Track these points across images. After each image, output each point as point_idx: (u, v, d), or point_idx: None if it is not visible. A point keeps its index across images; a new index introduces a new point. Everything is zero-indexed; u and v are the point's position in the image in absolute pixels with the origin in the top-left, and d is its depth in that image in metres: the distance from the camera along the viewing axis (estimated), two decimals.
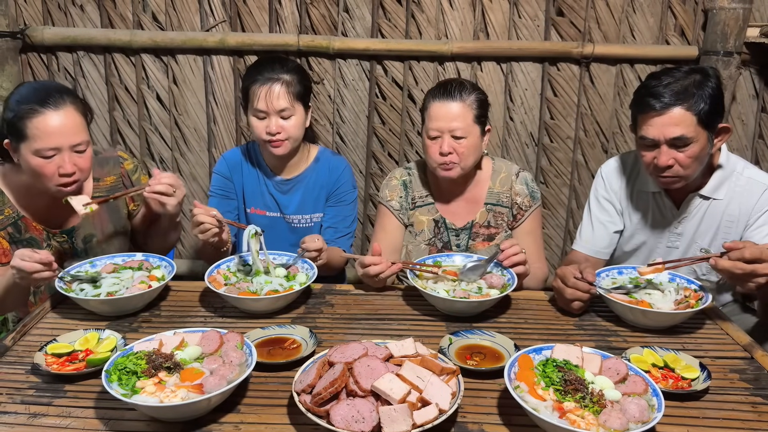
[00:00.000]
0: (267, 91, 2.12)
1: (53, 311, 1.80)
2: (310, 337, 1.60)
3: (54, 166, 1.81)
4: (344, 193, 2.36)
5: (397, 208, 2.23)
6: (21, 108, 1.78)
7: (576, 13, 2.94)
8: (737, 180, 2.02)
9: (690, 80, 1.86)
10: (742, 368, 1.54)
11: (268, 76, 2.13)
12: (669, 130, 1.85)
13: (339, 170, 2.35)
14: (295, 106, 2.16)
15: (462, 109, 2.05)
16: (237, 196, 2.37)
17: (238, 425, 1.30)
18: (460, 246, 2.23)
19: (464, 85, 2.08)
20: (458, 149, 2.05)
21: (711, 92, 1.85)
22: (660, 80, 1.88)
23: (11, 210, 1.95)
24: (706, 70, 1.91)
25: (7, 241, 1.95)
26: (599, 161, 3.12)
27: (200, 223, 1.89)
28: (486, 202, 2.21)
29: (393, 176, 2.29)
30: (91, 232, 2.08)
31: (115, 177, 2.11)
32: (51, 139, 1.78)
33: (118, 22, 2.98)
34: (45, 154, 1.79)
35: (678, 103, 1.83)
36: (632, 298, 1.78)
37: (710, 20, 2.85)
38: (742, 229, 2.03)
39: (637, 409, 1.23)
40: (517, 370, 1.35)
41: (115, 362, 1.35)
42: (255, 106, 2.14)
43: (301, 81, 2.19)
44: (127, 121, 3.12)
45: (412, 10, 2.95)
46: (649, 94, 1.87)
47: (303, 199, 2.35)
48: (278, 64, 2.17)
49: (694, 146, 1.86)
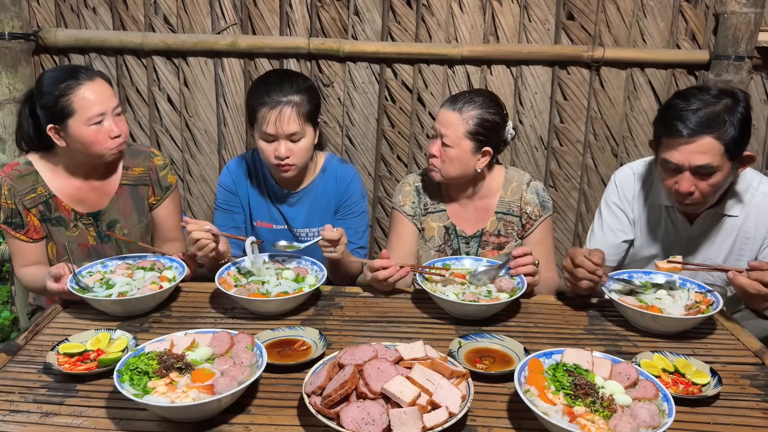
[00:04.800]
0: (277, 116, 2.01)
1: (65, 311, 1.81)
2: (320, 339, 1.60)
3: (104, 133, 1.97)
4: (354, 204, 2.29)
5: (410, 213, 2.23)
6: (58, 88, 1.92)
7: (586, 16, 2.93)
8: (752, 196, 1.98)
9: (721, 105, 1.78)
10: (754, 374, 1.53)
11: (277, 99, 2.02)
12: (695, 157, 1.79)
13: (347, 180, 2.27)
14: (305, 129, 2.07)
15: (456, 120, 2.04)
16: (243, 210, 2.30)
17: (248, 426, 1.30)
18: (469, 254, 2.22)
19: (474, 101, 2.07)
20: (442, 155, 2.07)
21: (741, 118, 1.78)
22: (689, 102, 1.81)
23: (44, 189, 2.06)
24: (736, 93, 1.83)
25: (37, 218, 2.07)
26: (609, 165, 3.11)
27: (196, 240, 1.87)
28: (497, 210, 2.20)
29: (406, 182, 2.29)
30: (116, 218, 2.16)
31: (144, 169, 2.19)
32: (97, 106, 1.94)
33: (130, 24, 3.00)
34: (95, 120, 1.94)
35: (708, 132, 1.76)
36: (643, 303, 1.77)
37: (721, 24, 2.84)
38: (758, 246, 2.01)
39: (648, 414, 1.22)
40: (527, 374, 1.35)
41: (127, 362, 1.36)
42: (264, 129, 2.04)
43: (311, 100, 2.09)
44: (138, 123, 3.14)
45: (422, 14, 2.95)
46: (678, 118, 1.80)
47: (310, 211, 2.28)
48: (287, 84, 2.05)
49: (717, 175, 1.81)
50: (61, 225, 2.09)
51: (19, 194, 2.02)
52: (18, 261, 2.09)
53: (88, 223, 2.12)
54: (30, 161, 2.06)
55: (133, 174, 2.17)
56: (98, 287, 1.80)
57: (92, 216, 2.12)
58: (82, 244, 2.13)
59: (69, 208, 2.09)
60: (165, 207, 2.23)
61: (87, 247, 2.14)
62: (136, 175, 2.17)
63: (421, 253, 2.25)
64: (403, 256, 2.18)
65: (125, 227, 2.17)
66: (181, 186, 3.21)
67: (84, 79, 1.94)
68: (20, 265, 2.08)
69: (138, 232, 2.19)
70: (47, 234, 2.10)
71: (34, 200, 2.05)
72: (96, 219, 2.13)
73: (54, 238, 2.11)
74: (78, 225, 2.11)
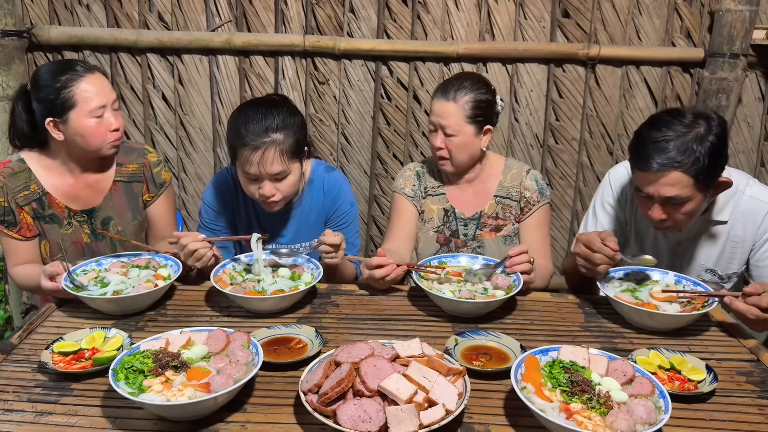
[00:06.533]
0: (259, 158, 1.89)
1: (59, 310, 1.80)
2: (316, 337, 1.60)
3: (105, 126, 1.97)
4: (344, 215, 2.22)
5: (410, 195, 2.29)
6: (59, 81, 1.92)
7: (582, 14, 2.94)
8: (739, 199, 1.97)
9: (691, 135, 1.74)
10: (749, 371, 1.53)
11: (258, 140, 1.89)
12: (664, 189, 1.78)
13: (334, 191, 2.19)
14: (290, 166, 1.96)
15: (453, 109, 2.10)
16: (227, 227, 2.22)
17: (244, 424, 1.30)
18: (467, 235, 2.26)
19: (464, 86, 2.11)
20: (448, 145, 2.13)
21: (712, 147, 1.74)
22: (660, 132, 1.77)
23: (37, 186, 2.05)
24: (710, 119, 1.78)
25: (30, 216, 2.06)
26: (605, 163, 3.12)
27: (194, 250, 1.85)
28: (496, 194, 2.25)
29: (407, 168, 2.37)
30: (110, 215, 2.15)
31: (137, 166, 2.18)
32: (99, 97, 1.95)
33: (125, 21, 2.99)
34: (97, 113, 1.95)
35: (675, 167, 1.74)
36: (638, 300, 1.78)
37: (716, 22, 2.85)
38: (748, 250, 2.01)
39: (644, 410, 1.23)
40: (523, 371, 1.35)
41: (122, 361, 1.35)
42: (245, 169, 1.93)
43: (295, 134, 1.95)
44: (132, 121, 3.12)
45: (417, 11, 2.95)
46: (646, 152, 1.78)
47: (299, 227, 2.20)
48: (269, 120, 1.91)
49: (689, 204, 1.81)
50: (54, 223, 2.08)
51: (11, 192, 2.00)
52: (11, 260, 2.07)
53: (82, 220, 2.11)
54: (23, 159, 2.05)
55: (127, 171, 2.16)
56: (93, 285, 1.79)
57: (86, 213, 2.11)
58: (76, 242, 2.12)
59: (63, 206, 2.08)
60: (159, 204, 2.22)
61: (81, 245, 2.13)
62: (130, 171, 2.16)
63: (420, 235, 2.30)
64: (404, 236, 2.25)
65: (119, 224, 2.16)
66: (176, 184, 3.20)
67: (85, 71, 1.96)
68: (13, 264, 2.07)
69: (132, 230, 2.18)
70: (40, 232, 2.09)
71: (27, 198, 2.04)
72: (90, 216, 2.12)
73: (47, 236, 2.09)
74: (72, 222, 2.10)
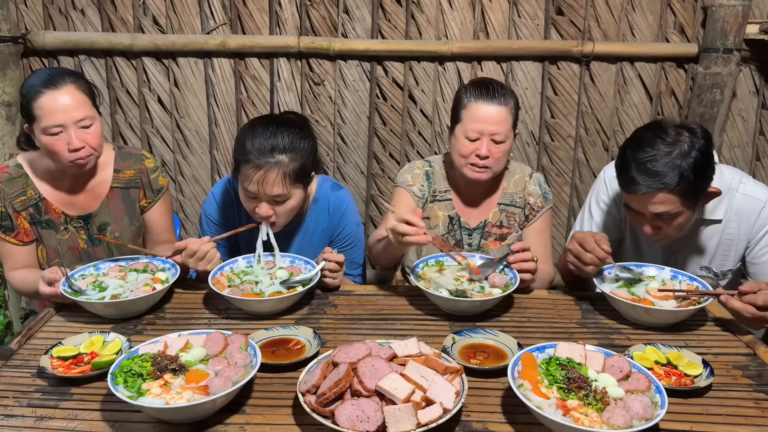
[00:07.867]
0: (260, 178, 1.83)
1: (58, 314, 1.80)
2: (314, 338, 1.60)
3: (63, 143, 1.90)
4: (349, 236, 2.15)
5: (418, 195, 2.20)
6: (28, 92, 1.91)
7: (576, 11, 2.94)
8: (733, 197, 1.98)
9: (675, 152, 1.74)
10: (745, 365, 1.54)
11: (262, 159, 1.82)
12: (652, 207, 1.79)
13: (340, 212, 2.12)
14: (291, 191, 1.89)
15: (504, 114, 2.01)
16: (229, 242, 2.17)
17: (243, 426, 1.30)
18: (472, 245, 2.23)
19: (505, 88, 2.04)
20: (495, 153, 2.02)
21: (696, 162, 1.74)
22: (644, 152, 1.77)
23: (34, 192, 2.05)
24: (694, 132, 1.78)
25: (27, 221, 2.06)
26: (600, 159, 3.13)
27: (205, 252, 1.85)
28: (499, 202, 2.20)
29: (415, 165, 2.25)
30: (107, 221, 2.15)
31: (135, 172, 2.17)
32: (54, 117, 1.88)
33: (119, 25, 2.99)
34: (51, 131, 1.89)
35: (661, 188, 1.75)
36: (635, 296, 1.78)
37: (710, 17, 2.85)
38: (743, 248, 2.02)
39: (641, 406, 1.23)
40: (520, 368, 1.36)
41: (121, 365, 1.36)
42: (245, 186, 1.87)
43: (303, 157, 1.88)
44: (129, 125, 3.13)
45: (411, 11, 2.95)
46: (631, 178, 1.78)
47: (301, 245, 2.13)
48: (279, 137, 1.85)
49: (679, 218, 1.82)
50: (51, 228, 2.08)
51: (8, 197, 2.01)
52: (8, 264, 2.08)
53: (79, 226, 2.11)
54: (20, 164, 2.05)
55: (124, 177, 2.15)
56: (91, 290, 1.80)
57: (83, 219, 2.11)
58: (73, 248, 2.12)
59: (59, 212, 2.08)
60: (157, 209, 2.22)
61: (78, 250, 2.13)
62: (127, 177, 2.16)
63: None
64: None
65: (116, 230, 2.16)
66: (173, 187, 3.20)
67: (50, 87, 1.87)
68: (10, 269, 2.07)
69: (129, 235, 2.18)
70: (37, 237, 2.09)
71: (24, 203, 2.04)
72: (86, 222, 2.12)
73: (44, 242, 2.10)
74: (68, 228, 2.10)
